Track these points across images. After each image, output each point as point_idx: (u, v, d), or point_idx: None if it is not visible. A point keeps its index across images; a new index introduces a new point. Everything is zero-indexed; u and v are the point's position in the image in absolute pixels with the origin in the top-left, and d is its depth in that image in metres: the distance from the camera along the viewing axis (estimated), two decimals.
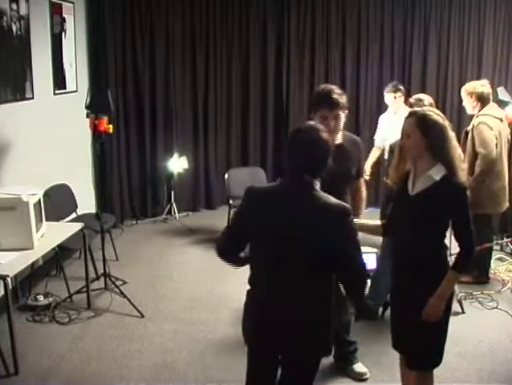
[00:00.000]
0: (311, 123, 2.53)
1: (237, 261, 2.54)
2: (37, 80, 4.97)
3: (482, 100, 4.59)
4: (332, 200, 2.31)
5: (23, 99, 4.77)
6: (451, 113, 6.84)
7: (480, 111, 4.60)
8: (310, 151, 2.31)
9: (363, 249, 3.22)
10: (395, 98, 5.43)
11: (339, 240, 2.27)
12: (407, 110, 3.60)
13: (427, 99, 4.05)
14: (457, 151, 2.74)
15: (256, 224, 2.39)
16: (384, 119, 5.73)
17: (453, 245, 4.95)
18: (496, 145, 4.49)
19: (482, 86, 4.64)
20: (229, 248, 2.52)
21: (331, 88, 3.18)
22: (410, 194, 2.74)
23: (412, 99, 4.54)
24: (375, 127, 7.12)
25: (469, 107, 4.66)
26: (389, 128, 5.25)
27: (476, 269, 4.89)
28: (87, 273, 4.46)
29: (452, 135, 2.70)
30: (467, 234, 2.69)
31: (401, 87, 5.56)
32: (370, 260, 4.75)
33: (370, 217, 3.43)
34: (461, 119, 6.90)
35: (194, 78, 6.80)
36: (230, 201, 5.90)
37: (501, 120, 4.67)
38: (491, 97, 4.68)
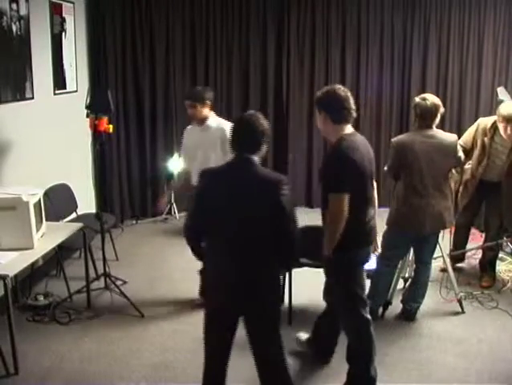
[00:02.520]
0: (251, 111, 2.91)
1: (199, 249, 2.91)
2: (37, 80, 4.97)
3: None
4: (269, 172, 2.80)
5: (23, 99, 4.77)
6: (451, 113, 6.85)
7: None
8: (248, 132, 2.77)
9: None
10: None
11: (276, 203, 2.65)
12: None
13: (431, 98, 4.02)
14: None
15: (211, 200, 2.76)
16: None
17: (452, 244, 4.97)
18: None
19: None
20: (195, 231, 2.88)
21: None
22: None
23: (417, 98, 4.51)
24: (375, 127, 7.15)
25: None
26: None
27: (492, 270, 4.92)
28: (87, 273, 4.46)
29: None
30: None
31: None
32: (370, 260, 4.79)
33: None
34: (460, 119, 6.92)
35: (194, 77, 6.79)
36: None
37: None
38: None
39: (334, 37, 6.87)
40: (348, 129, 3.29)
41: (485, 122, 4.73)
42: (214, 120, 4.43)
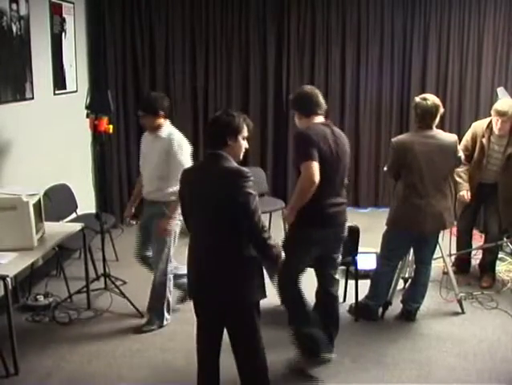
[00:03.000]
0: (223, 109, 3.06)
1: None
2: (37, 80, 4.97)
3: None
4: (233, 165, 2.79)
5: (23, 99, 4.77)
6: (451, 113, 6.85)
7: None
8: (210, 128, 2.94)
9: (364, 249, 3.27)
10: None
11: (237, 195, 2.68)
12: None
13: (431, 98, 4.03)
14: None
15: (188, 194, 2.89)
16: None
17: (452, 246, 4.99)
18: None
19: None
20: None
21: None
22: None
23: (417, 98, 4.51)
24: (375, 127, 7.15)
25: None
26: None
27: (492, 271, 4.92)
28: (87, 273, 4.46)
29: None
30: None
31: None
32: (370, 260, 4.81)
33: (369, 217, 3.42)
34: (460, 119, 6.92)
35: (194, 77, 6.79)
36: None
37: None
38: None
39: (334, 37, 6.87)
40: (319, 120, 3.57)
41: (480, 124, 4.80)
42: (166, 130, 4.07)
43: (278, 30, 6.84)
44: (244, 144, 2.90)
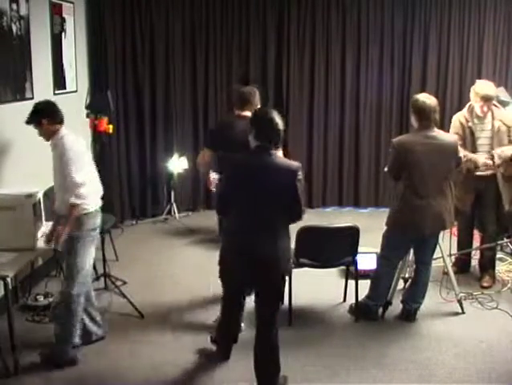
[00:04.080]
0: (266, 109, 3.46)
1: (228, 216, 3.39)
2: (37, 80, 4.96)
3: None
4: (284, 160, 3.32)
5: (23, 99, 4.77)
6: (451, 113, 6.82)
7: None
8: (272, 126, 3.19)
9: (364, 249, 3.28)
10: None
11: (289, 186, 3.14)
12: None
13: (423, 98, 4.04)
14: None
15: (238, 183, 3.22)
16: None
17: (452, 246, 4.99)
18: None
19: None
20: (225, 208, 3.34)
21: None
22: None
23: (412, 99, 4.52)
24: (375, 127, 7.15)
25: None
26: None
27: (492, 270, 4.91)
28: None
29: None
30: None
31: None
32: (370, 260, 4.81)
33: (369, 217, 3.42)
34: None
35: (194, 78, 6.80)
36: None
37: None
38: None
39: (334, 37, 6.87)
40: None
41: (461, 114, 4.87)
42: (59, 137, 3.75)
43: (278, 30, 6.84)
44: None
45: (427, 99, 4.02)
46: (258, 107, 4.17)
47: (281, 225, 3.23)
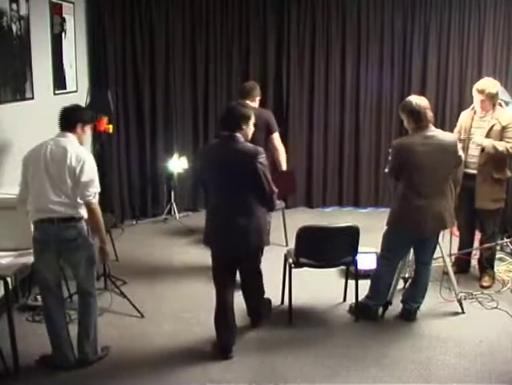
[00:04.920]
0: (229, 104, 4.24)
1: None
2: (37, 80, 4.97)
3: None
4: (247, 144, 3.63)
5: (23, 99, 4.77)
6: (451, 113, 6.84)
7: None
8: (227, 116, 3.74)
9: (364, 249, 3.27)
10: None
11: (249, 169, 3.54)
12: None
13: (413, 99, 4.07)
14: None
15: (208, 168, 3.75)
16: None
17: (452, 246, 4.98)
18: None
19: None
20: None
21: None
22: None
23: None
24: (376, 127, 7.15)
25: None
26: None
27: (491, 269, 4.91)
28: None
29: None
30: None
31: None
32: (370, 260, 4.81)
33: (369, 217, 3.42)
34: None
35: (194, 78, 6.80)
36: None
37: None
38: None
39: (334, 37, 6.88)
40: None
41: (465, 111, 4.96)
42: None
43: (278, 30, 6.84)
44: (252, 129, 3.75)
45: (418, 99, 4.02)
46: (258, 98, 5.15)
47: (254, 205, 3.63)
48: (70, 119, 3.56)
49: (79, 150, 3.52)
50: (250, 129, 3.72)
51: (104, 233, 3.65)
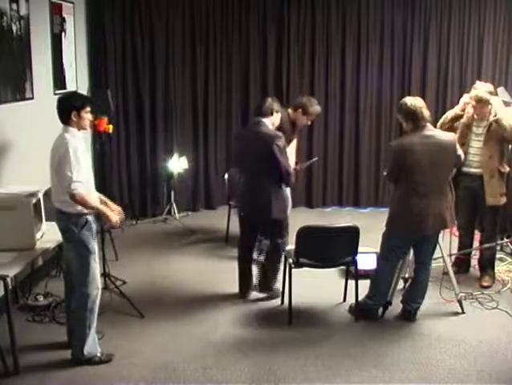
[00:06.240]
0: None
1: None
2: (37, 80, 4.97)
3: None
4: (270, 129, 4.37)
5: (23, 99, 4.77)
6: None
7: None
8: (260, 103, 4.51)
9: (364, 249, 3.24)
10: None
11: (268, 149, 4.21)
12: None
13: (407, 100, 4.10)
14: None
15: (239, 149, 4.64)
16: None
17: (452, 246, 4.99)
18: None
19: None
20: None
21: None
22: None
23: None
24: (376, 127, 7.15)
25: None
26: None
27: (491, 269, 4.91)
28: None
29: None
30: None
31: None
32: (370, 260, 4.81)
33: (369, 217, 3.42)
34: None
35: (194, 78, 6.80)
36: (230, 201, 5.89)
37: None
38: None
39: (334, 37, 6.88)
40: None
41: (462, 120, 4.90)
42: None
43: (278, 30, 6.84)
44: (278, 116, 4.50)
45: (413, 100, 4.03)
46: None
47: (273, 184, 4.33)
48: (62, 110, 3.59)
49: (58, 142, 3.57)
50: (278, 118, 4.46)
51: (98, 207, 3.67)
